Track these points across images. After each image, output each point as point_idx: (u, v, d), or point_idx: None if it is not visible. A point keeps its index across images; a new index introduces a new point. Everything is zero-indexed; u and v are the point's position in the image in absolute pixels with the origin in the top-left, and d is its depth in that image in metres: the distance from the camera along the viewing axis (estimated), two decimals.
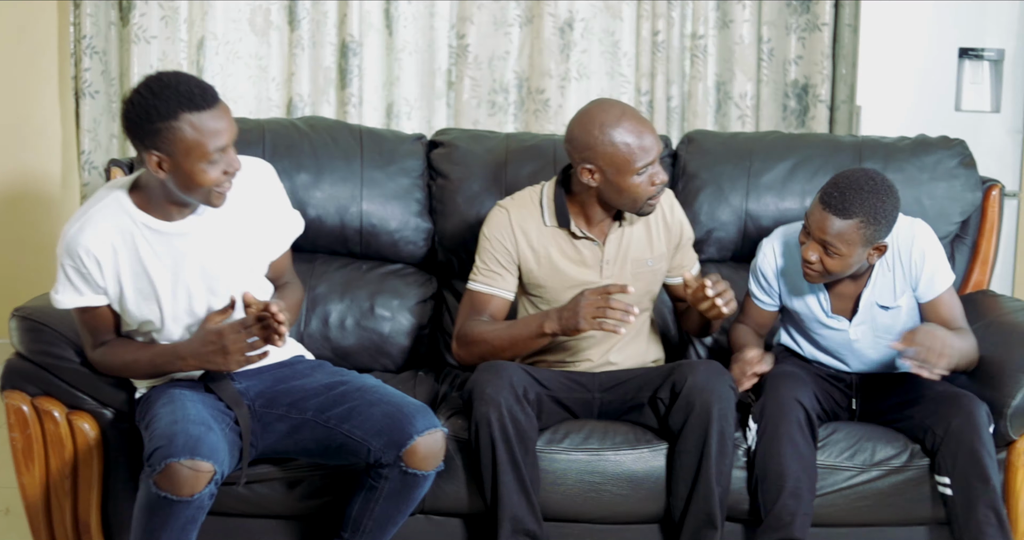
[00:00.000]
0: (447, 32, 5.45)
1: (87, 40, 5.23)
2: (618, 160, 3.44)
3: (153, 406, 3.15)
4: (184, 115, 2.94)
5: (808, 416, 3.43)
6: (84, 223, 3.09)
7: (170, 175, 3.00)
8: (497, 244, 3.61)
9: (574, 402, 3.58)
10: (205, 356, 3.11)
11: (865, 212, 3.34)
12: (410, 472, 3.15)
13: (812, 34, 5.38)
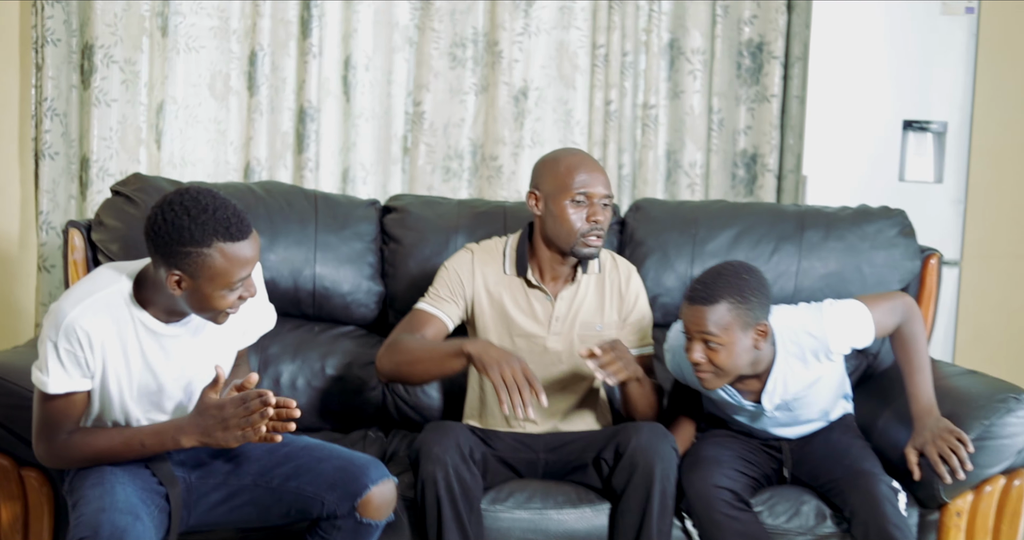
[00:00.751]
0: (404, 99, 5.53)
1: (48, 102, 5.26)
2: (557, 183, 3.59)
3: (83, 484, 3.09)
4: (217, 243, 2.90)
5: (735, 493, 3.48)
6: (87, 307, 2.98)
7: (186, 293, 2.95)
8: (454, 276, 3.72)
9: (519, 462, 3.64)
10: (206, 430, 3.03)
11: (730, 293, 3.35)
12: (364, 522, 3.18)
13: (761, 105, 5.50)
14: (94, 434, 3.08)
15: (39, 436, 3.08)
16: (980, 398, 3.58)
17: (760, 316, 3.39)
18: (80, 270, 4.07)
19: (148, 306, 3.04)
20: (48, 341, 2.96)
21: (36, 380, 3.01)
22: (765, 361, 3.49)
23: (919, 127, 5.25)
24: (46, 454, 3.09)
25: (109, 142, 5.30)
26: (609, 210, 3.64)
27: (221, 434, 3.01)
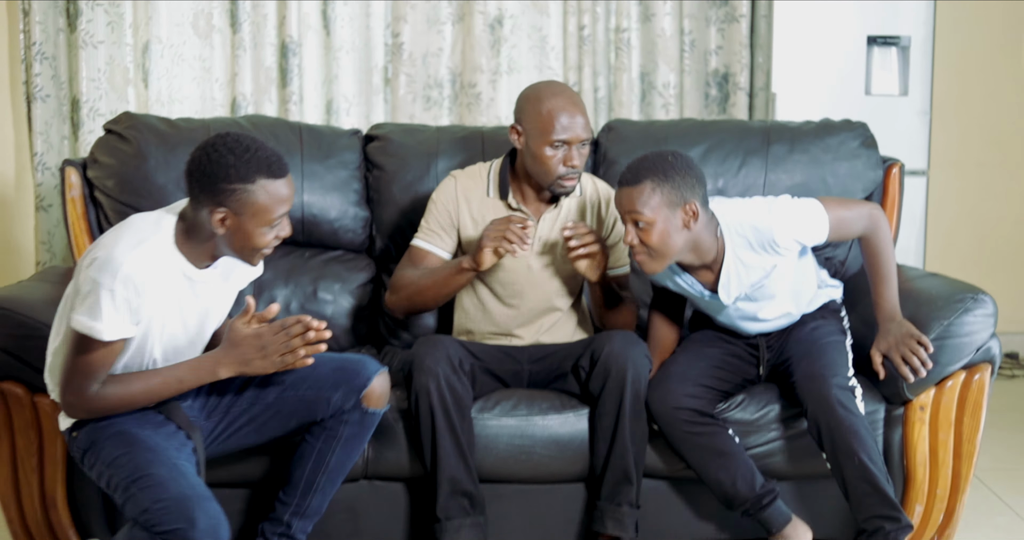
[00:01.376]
0: (382, 31, 5.64)
1: (36, 46, 5.37)
2: (539, 125, 3.69)
3: (123, 453, 3.10)
4: (260, 180, 3.00)
5: (696, 411, 3.59)
6: (141, 255, 3.00)
7: (229, 232, 3.04)
8: (441, 208, 3.86)
9: (505, 373, 3.80)
10: (244, 359, 3.14)
11: (653, 173, 3.44)
12: (369, 411, 3.37)
13: (731, 26, 5.63)
14: (127, 379, 3.12)
15: (70, 387, 3.08)
16: (940, 299, 3.70)
17: (688, 196, 3.45)
18: (78, 206, 4.18)
19: (185, 252, 3.11)
20: (103, 288, 2.95)
21: (85, 328, 2.98)
22: (712, 251, 3.56)
23: (883, 42, 5.38)
24: (77, 403, 3.10)
25: (98, 83, 5.41)
26: (587, 148, 3.76)
27: (260, 362, 3.14)
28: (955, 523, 3.76)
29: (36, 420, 3.52)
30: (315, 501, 3.44)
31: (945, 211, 5.94)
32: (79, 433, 3.18)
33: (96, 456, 3.14)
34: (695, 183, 3.47)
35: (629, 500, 3.62)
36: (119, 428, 3.14)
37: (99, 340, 2.99)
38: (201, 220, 3.05)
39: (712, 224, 3.54)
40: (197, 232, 3.08)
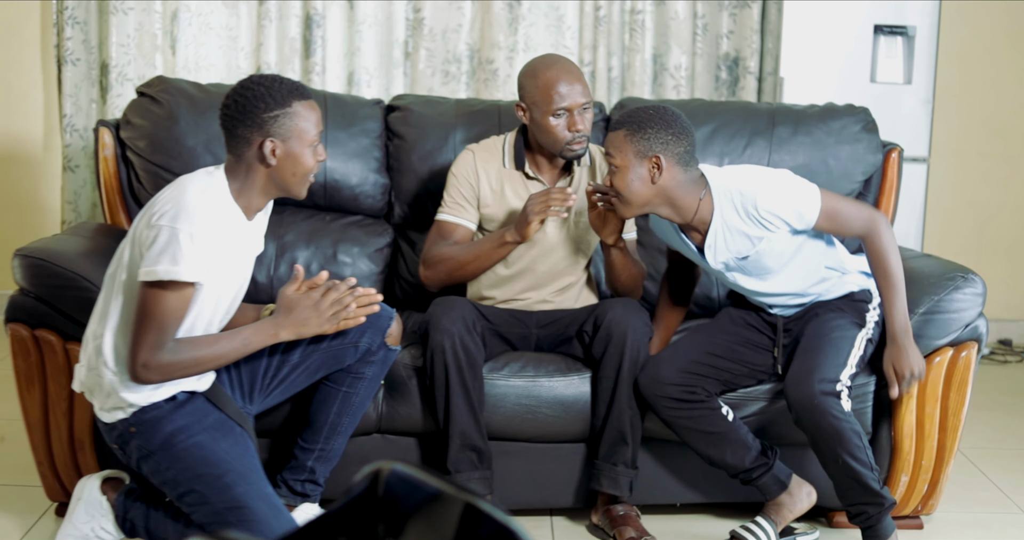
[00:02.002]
0: (404, 6, 5.79)
1: (68, 11, 5.56)
2: (539, 99, 3.85)
3: (209, 473, 3.20)
4: (295, 103, 3.16)
5: (676, 399, 3.67)
6: (209, 200, 3.13)
7: (279, 161, 3.16)
8: (462, 180, 4.01)
9: (514, 336, 3.96)
10: (303, 321, 3.28)
11: (630, 122, 3.56)
12: (392, 349, 3.56)
13: (742, 10, 5.79)
14: (196, 342, 3.19)
15: (145, 345, 3.11)
16: (932, 277, 3.86)
17: (656, 149, 3.52)
18: (111, 166, 4.34)
19: (240, 204, 3.23)
20: (182, 233, 3.03)
21: (168, 273, 3.04)
22: (692, 211, 3.59)
23: (889, 31, 5.52)
24: (152, 362, 3.11)
25: (127, 48, 5.59)
26: (590, 112, 3.90)
27: (316, 320, 3.29)
28: (939, 493, 3.92)
29: (68, 366, 3.64)
30: (337, 443, 3.60)
31: (945, 198, 6.08)
32: (137, 429, 3.24)
33: (168, 464, 3.23)
34: (671, 139, 3.54)
35: (625, 460, 3.78)
36: (193, 438, 3.23)
37: (180, 282, 3.06)
38: (249, 162, 3.18)
39: (694, 185, 3.58)
40: (248, 178, 3.21)
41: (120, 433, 3.27)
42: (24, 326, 3.66)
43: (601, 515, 3.84)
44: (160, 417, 3.24)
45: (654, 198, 3.57)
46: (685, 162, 3.56)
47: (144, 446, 3.25)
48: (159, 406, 3.24)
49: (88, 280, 3.60)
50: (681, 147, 3.55)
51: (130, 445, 3.27)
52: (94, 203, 5.75)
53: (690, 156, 3.58)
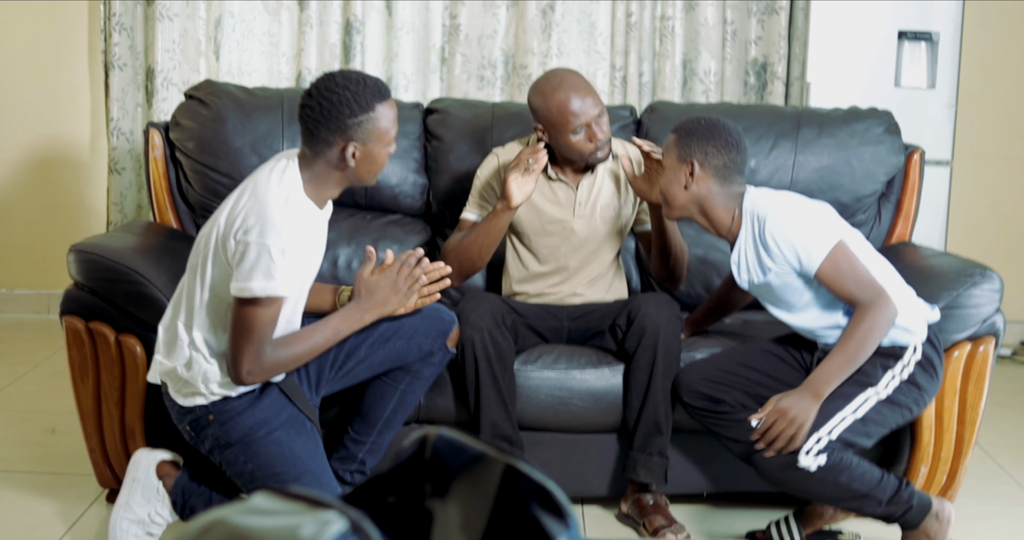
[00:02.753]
0: (441, 12, 5.92)
1: (116, 17, 5.70)
2: (556, 122, 3.93)
3: (285, 472, 3.30)
4: (377, 105, 3.21)
5: (701, 406, 3.75)
6: (293, 209, 3.17)
7: (358, 163, 3.23)
8: (485, 183, 4.12)
9: (546, 329, 4.08)
10: (383, 301, 3.39)
11: (680, 128, 3.64)
12: (450, 351, 3.68)
13: (771, 17, 5.87)
14: (289, 338, 3.29)
15: (248, 355, 3.20)
16: (951, 273, 3.94)
17: (695, 155, 3.57)
18: (160, 166, 4.48)
19: (312, 198, 3.28)
20: (274, 249, 3.09)
21: (264, 290, 3.12)
22: (723, 226, 3.62)
23: (913, 37, 5.59)
24: (256, 369, 3.22)
25: (172, 54, 5.73)
26: (605, 116, 3.97)
27: (396, 300, 3.41)
28: (957, 485, 3.99)
29: (120, 358, 3.77)
30: (387, 437, 3.69)
31: (967, 201, 6.12)
32: (216, 418, 3.34)
33: (246, 458, 3.34)
34: (711, 150, 3.57)
35: (659, 450, 3.88)
36: (271, 435, 3.34)
37: (275, 297, 3.15)
38: (327, 160, 3.24)
39: (730, 200, 3.60)
40: (323, 174, 3.27)
41: (196, 418, 3.37)
42: (79, 318, 3.78)
43: (631, 504, 3.94)
44: (240, 410, 3.34)
45: (689, 204, 3.62)
46: (723, 176, 3.58)
47: (222, 437, 3.35)
48: (239, 395, 3.34)
49: (140, 274, 3.73)
50: (720, 160, 3.57)
51: (205, 432, 3.36)
52: (139, 204, 5.89)
53: (730, 171, 3.59)
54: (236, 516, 1.12)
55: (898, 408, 3.60)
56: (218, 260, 3.22)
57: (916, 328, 3.58)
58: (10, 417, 4.83)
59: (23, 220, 6.33)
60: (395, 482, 1.28)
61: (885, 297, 3.47)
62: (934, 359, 3.62)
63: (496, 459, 1.26)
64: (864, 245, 3.63)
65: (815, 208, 3.61)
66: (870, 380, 3.57)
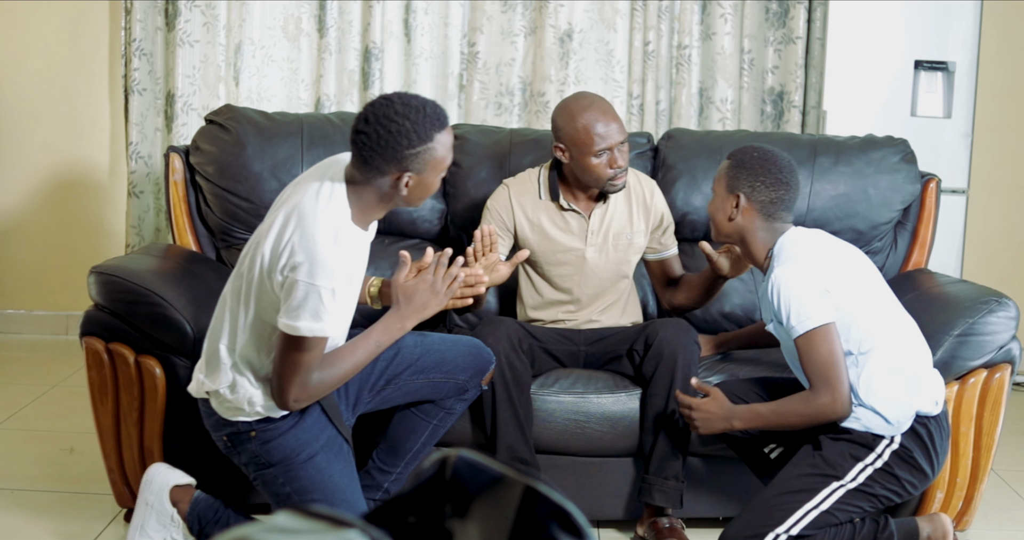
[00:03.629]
0: (459, 40, 5.95)
1: (136, 43, 5.74)
2: (579, 142, 3.95)
3: (316, 480, 3.30)
4: (435, 135, 3.10)
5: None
6: (341, 246, 3.09)
7: (410, 191, 3.15)
8: (496, 214, 4.14)
9: (563, 353, 4.10)
10: (422, 305, 3.32)
11: (734, 156, 3.62)
12: (482, 388, 3.69)
13: (787, 46, 5.89)
14: (336, 359, 3.24)
15: (295, 384, 3.16)
16: (967, 300, 3.95)
17: (743, 188, 3.55)
18: (180, 190, 4.51)
19: (357, 222, 3.21)
20: (324, 290, 3.03)
21: (312, 330, 3.07)
22: (758, 260, 3.60)
23: (930, 66, 5.62)
24: (303, 396, 3.20)
25: (192, 79, 5.77)
26: (626, 146, 4.00)
27: (436, 303, 3.34)
28: (973, 510, 4.01)
29: (139, 378, 3.80)
30: (412, 468, 3.68)
31: (984, 230, 6.12)
32: (257, 435, 3.32)
33: (284, 480, 3.33)
34: (759, 185, 3.54)
35: (675, 474, 3.89)
36: (312, 459, 3.32)
37: (324, 337, 3.12)
38: (378, 187, 3.16)
39: (770, 236, 3.57)
40: (371, 200, 3.19)
41: (236, 432, 3.34)
42: (99, 339, 3.81)
43: (647, 527, 3.95)
44: (283, 430, 3.32)
45: (732, 233, 3.62)
46: (768, 212, 3.55)
47: (263, 455, 3.33)
48: (283, 418, 3.32)
49: (160, 296, 3.76)
50: (768, 196, 3.54)
51: (244, 447, 3.34)
52: (157, 228, 5.93)
53: (776, 207, 3.55)
54: (259, 534, 1.14)
55: (873, 497, 3.49)
56: (263, 289, 3.17)
57: (897, 420, 3.45)
58: (29, 436, 4.84)
59: (43, 242, 6.36)
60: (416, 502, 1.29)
61: (837, 400, 3.38)
62: (915, 452, 3.47)
63: (516, 480, 1.27)
64: (887, 309, 3.55)
65: (829, 277, 3.45)
66: (836, 472, 3.47)
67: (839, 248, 3.61)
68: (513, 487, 1.27)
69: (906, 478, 3.48)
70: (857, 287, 3.50)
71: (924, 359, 3.56)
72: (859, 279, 3.54)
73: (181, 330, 3.77)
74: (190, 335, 3.77)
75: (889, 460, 3.46)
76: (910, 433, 3.47)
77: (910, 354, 3.52)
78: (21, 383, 5.61)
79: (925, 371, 3.54)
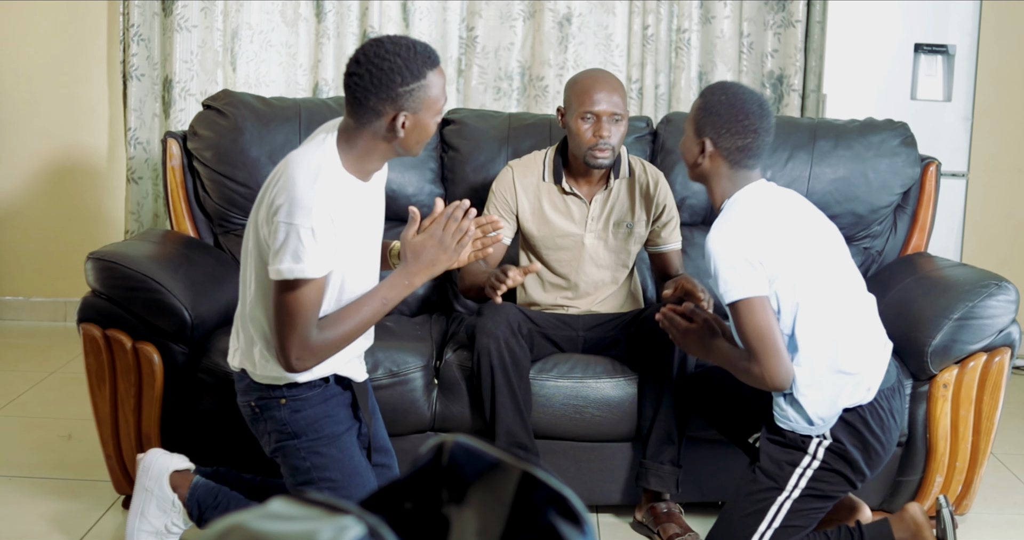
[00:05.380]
0: (458, 25, 5.94)
1: (134, 28, 5.73)
2: (572, 101, 3.99)
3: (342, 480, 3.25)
4: (428, 72, 3.06)
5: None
6: (323, 186, 3.03)
7: (407, 133, 3.09)
8: (500, 197, 4.14)
9: (561, 339, 4.09)
10: (431, 261, 3.22)
11: (706, 96, 3.45)
12: None
13: (787, 30, 5.89)
14: (340, 318, 3.15)
15: (293, 339, 3.08)
16: (967, 284, 3.95)
17: (709, 133, 3.40)
18: (178, 175, 4.51)
19: (352, 171, 3.15)
20: (302, 229, 2.97)
21: (292, 272, 3.00)
22: (716, 204, 3.47)
23: (929, 50, 5.61)
24: (305, 354, 3.10)
25: (190, 65, 5.76)
26: (621, 126, 3.99)
27: (446, 259, 3.24)
28: (972, 494, 4.02)
29: (137, 365, 3.80)
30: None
31: (983, 213, 6.12)
32: (288, 402, 3.26)
33: (306, 454, 3.27)
34: (726, 131, 3.38)
35: (672, 459, 3.90)
36: (339, 437, 3.29)
37: (307, 279, 3.01)
38: (375, 131, 3.11)
39: (731, 184, 3.43)
40: (368, 147, 3.14)
41: (267, 397, 3.27)
42: (96, 326, 3.80)
43: (645, 512, 3.96)
44: (313, 404, 3.27)
45: (699, 176, 3.48)
46: (734, 160, 3.39)
47: (290, 424, 3.27)
48: (315, 385, 3.27)
49: (158, 282, 3.76)
50: (733, 143, 3.37)
51: (272, 414, 3.28)
52: (156, 214, 5.92)
53: (742, 155, 3.39)
54: (254, 521, 1.13)
55: (824, 498, 3.44)
56: (260, 244, 3.14)
57: (820, 418, 3.37)
58: (27, 423, 4.84)
59: (41, 229, 6.36)
60: (412, 488, 1.28)
61: (766, 374, 3.29)
62: (849, 444, 3.38)
63: (513, 466, 1.27)
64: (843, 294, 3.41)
65: (766, 249, 3.30)
66: (777, 484, 3.41)
67: (795, 218, 3.44)
68: (510, 472, 1.27)
69: (848, 470, 3.39)
70: (806, 265, 3.35)
71: (872, 343, 3.46)
72: (810, 256, 3.38)
73: (179, 316, 3.77)
74: (188, 321, 3.78)
75: (825, 458, 3.38)
76: (840, 424, 3.38)
77: (861, 351, 3.40)
78: (19, 370, 5.61)
79: (873, 366, 3.42)
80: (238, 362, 3.31)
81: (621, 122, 4.01)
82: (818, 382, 3.34)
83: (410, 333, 4.19)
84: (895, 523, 3.54)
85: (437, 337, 4.19)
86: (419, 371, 3.92)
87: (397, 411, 3.87)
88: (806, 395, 3.34)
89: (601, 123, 3.97)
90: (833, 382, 3.35)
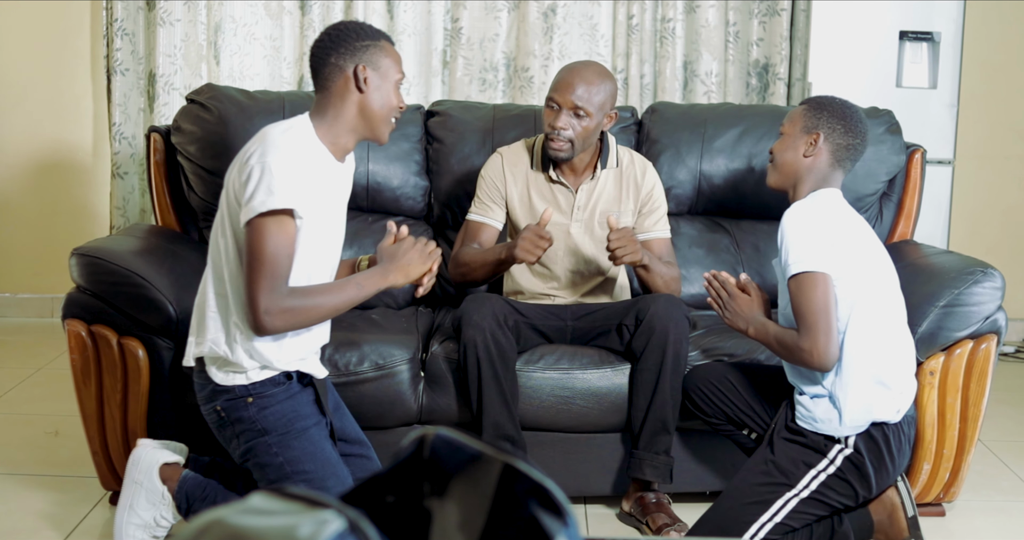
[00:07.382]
0: (443, 16, 5.94)
1: (118, 23, 5.72)
2: (549, 88, 4.01)
3: (315, 471, 3.26)
4: (383, 41, 3.28)
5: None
6: (290, 135, 3.17)
7: (370, 89, 3.23)
8: (490, 182, 4.14)
9: (549, 329, 4.07)
10: (405, 269, 3.32)
11: (813, 100, 3.57)
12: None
13: (772, 18, 5.89)
14: (311, 288, 3.20)
15: (262, 288, 3.09)
16: (952, 271, 3.95)
17: (823, 127, 3.47)
18: (162, 170, 4.50)
19: (326, 143, 3.27)
20: (272, 164, 3.06)
21: (263, 203, 3.04)
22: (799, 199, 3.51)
23: (915, 37, 5.61)
24: (272, 307, 3.10)
25: (173, 59, 5.75)
26: (585, 122, 3.95)
27: (420, 261, 3.34)
28: (960, 481, 4.02)
29: (123, 361, 3.78)
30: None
31: (970, 200, 6.14)
32: (254, 400, 3.26)
33: (278, 450, 3.27)
34: (839, 128, 3.47)
35: (666, 449, 3.89)
36: (307, 431, 3.29)
37: (278, 211, 3.05)
38: (339, 92, 3.24)
39: (819, 183, 3.50)
40: (337, 113, 3.26)
41: (233, 398, 3.27)
42: (81, 322, 3.78)
43: (633, 503, 3.96)
44: (280, 399, 3.28)
45: (793, 174, 3.51)
46: (838, 158, 3.48)
47: (259, 421, 3.28)
48: (278, 382, 3.28)
49: (142, 277, 3.74)
50: (844, 141, 3.46)
51: (239, 414, 3.28)
52: (142, 208, 5.91)
53: (845, 156, 3.48)
54: (234, 516, 1.13)
55: (826, 505, 3.46)
56: (233, 212, 3.18)
57: (852, 422, 3.41)
58: (13, 420, 4.84)
59: (26, 224, 6.34)
60: (394, 481, 1.28)
61: (815, 351, 3.32)
62: (868, 458, 3.43)
63: (494, 458, 1.26)
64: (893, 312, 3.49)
65: (842, 237, 3.40)
66: (788, 481, 3.44)
67: (863, 228, 3.52)
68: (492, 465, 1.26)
69: (858, 483, 3.44)
70: (867, 273, 3.42)
71: (909, 369, 3.54)
72: (871, 267, 3.45)
73: (163, 311, 3.75)
74: (173, 316, 3.76)
75: (842, 466, 3.42)
76: (866, 437, 3.43)
77: (900, 369, 3.48)
78: (6, 366, 5.60)
79: (906, 387, 3.51)
80: (207, 350, 3.27)
81: (584, 119, 3.97)
82: (858, 387, 3.39)
83: (396, 326, 4.18)
84: (873, 506, 3.56)
85: (423, 330, 4.18)
86: (405, 364, 3.90)
87: (383, 404, 3.87)
88: (845, 396, 3.39)
89: (559, 114, 3.96)
90: (871, 391, 3.40)
